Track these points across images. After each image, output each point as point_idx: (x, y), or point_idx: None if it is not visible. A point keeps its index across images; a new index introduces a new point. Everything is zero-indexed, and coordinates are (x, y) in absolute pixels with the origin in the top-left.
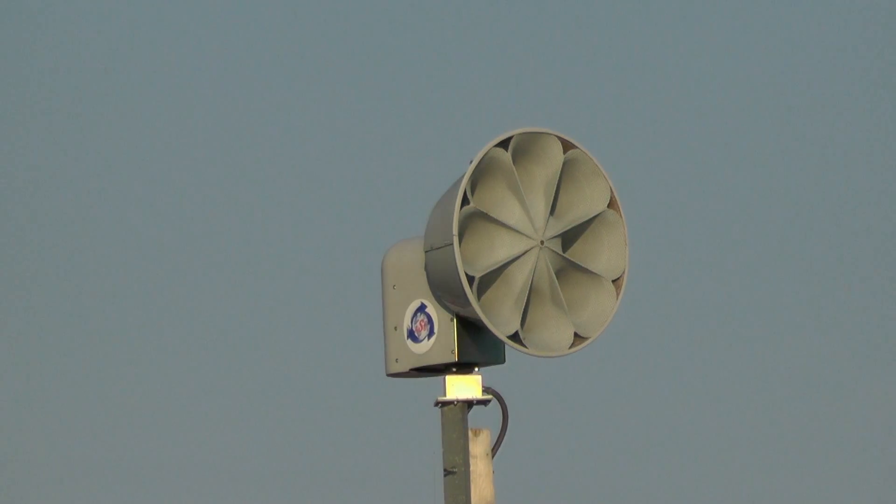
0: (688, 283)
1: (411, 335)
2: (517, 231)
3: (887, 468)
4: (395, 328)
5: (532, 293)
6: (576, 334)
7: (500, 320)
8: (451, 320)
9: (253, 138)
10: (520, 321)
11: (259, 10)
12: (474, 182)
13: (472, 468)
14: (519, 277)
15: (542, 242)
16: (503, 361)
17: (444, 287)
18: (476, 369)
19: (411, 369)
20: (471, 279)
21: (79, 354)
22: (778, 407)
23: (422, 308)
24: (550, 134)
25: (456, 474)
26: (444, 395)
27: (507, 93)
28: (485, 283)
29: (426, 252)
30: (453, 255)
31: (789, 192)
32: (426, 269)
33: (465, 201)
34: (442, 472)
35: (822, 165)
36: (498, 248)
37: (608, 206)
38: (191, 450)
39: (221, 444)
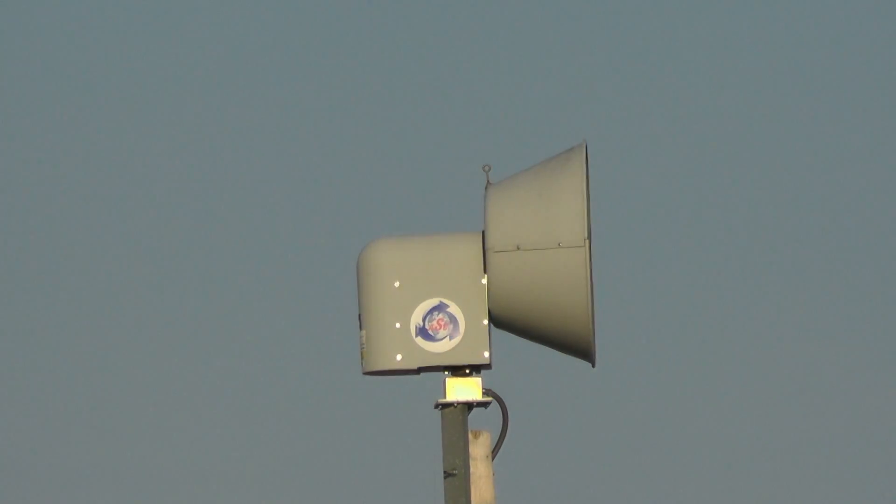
0: (684, 288)
1: (423, 333)
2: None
3: (889, 470)
4: (398, 325)
5: None
6: None
7: None
8: (484, 322)
9: (225, 138)
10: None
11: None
12: None
13: (472, 470)
14: None
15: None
16: (490, 367)
17: (538, 289)
18: (470, 371)
19: (420, 367)
20: None
21: (57, 352)
22: (775, 412)
23: (441, 307)
24: (584, 145)
25: (456, 476)
26: (445, 397)
27: (481, 94)
28: None
29: (501, 252)
30: (566, 257)
31: (789, 197)
32: (497, 268)
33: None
34: (442, 474)
35: (823, 170)
36: None
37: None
38: (188, 450)
39: (219, 445)
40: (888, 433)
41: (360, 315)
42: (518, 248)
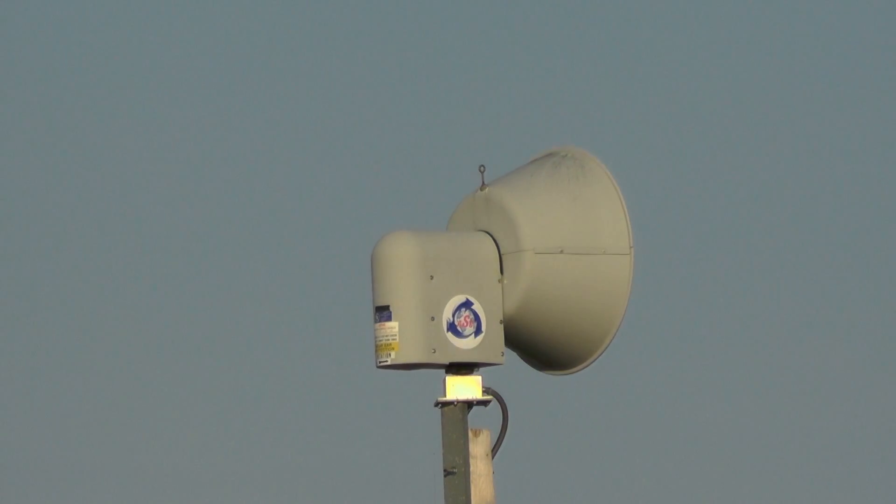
0: (681, 288)
1: (453, 329)
2: None
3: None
4: (433, 319)
5: None
6: None
7: None
8: (500, 322)
9: (234, 135)
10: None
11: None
12: None
13: (472, 468)
14: None
15: None
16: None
17: (575, 293)
18: (474, 370)
19: (451, 363)
20: None
21: (58, 351)
22: (774, 411)
23: (467, 304)
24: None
25: (456, 475)
26: (444, 395)
27: (481, 93)
28: None
29: (543, 254)
30: (611, 263)
31: (789, 197)
32: (534, 270)
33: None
34: (442, 473)
35: (822, 169)
36: None
37: None
38: (189, 449)
39: (219, 444)
40: (888, 433)
41: (381, 307)
42: (562, 252)
